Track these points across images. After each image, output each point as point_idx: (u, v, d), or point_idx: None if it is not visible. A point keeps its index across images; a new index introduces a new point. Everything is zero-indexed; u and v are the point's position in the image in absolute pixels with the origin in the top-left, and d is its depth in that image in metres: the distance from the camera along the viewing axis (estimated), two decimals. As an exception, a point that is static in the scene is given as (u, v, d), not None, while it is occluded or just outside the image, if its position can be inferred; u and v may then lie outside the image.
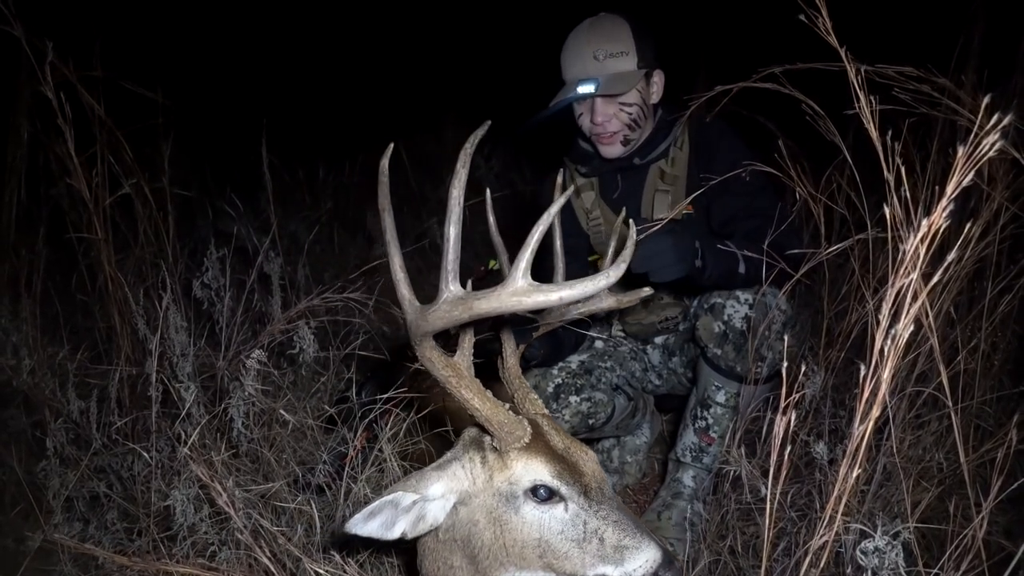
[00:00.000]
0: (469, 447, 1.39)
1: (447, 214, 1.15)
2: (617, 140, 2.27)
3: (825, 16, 1.34)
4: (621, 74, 2.17)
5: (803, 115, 1.91)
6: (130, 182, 2.60)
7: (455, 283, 1.18)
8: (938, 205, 0.97)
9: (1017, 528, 1.90)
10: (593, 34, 2.20)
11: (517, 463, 1.32)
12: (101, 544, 2.10)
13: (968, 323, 2.06)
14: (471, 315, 1.16)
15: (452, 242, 1.16)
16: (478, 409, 1.29)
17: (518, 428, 1.32)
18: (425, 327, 1.22)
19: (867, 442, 1.34)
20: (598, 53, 2.16)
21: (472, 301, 1.15)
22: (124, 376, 2.38)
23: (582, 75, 2.18)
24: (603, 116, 2.22)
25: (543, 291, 1.10)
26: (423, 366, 1.30)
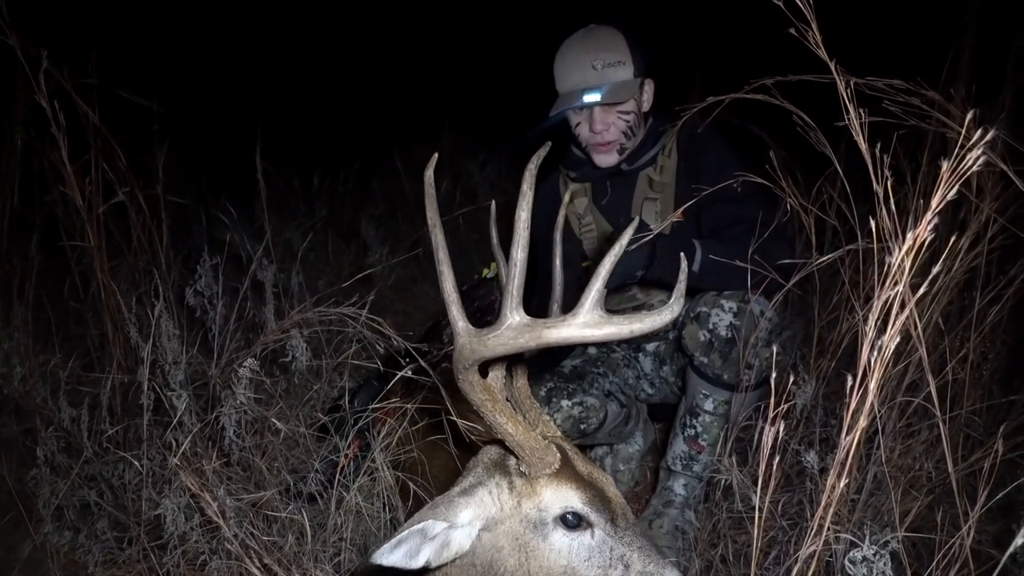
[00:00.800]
0: (493, 471, 1.35)
1: (514, 237, 1.11)
2: (614, 148, 2.31)
3: (815, 29, 1.36)
4: (622, 82, 2.21)
5: (795, 126, 1.93)
6: (124, 189, 2.60)
7: (519, 310, 1.13)
8: (923, 218, 0.98)
9: (1005, 537, 1.91)
10: (590, 44, 2.23)
11: (547, 490, 1.30)
12: (91, 553, 2.09)
13: (958, 333, 2.07)
14: (539, 344, 1.12)
15: (519, 267, 1.11)
16: (511, 434, 1.26)
17: (548, 454, 1.29)
18: (481, 353, 1.17)
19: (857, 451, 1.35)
20: (596, 63, 2.19)
21: (541, 330, 1.11)
22: (116, 384, 2.37)
23: (583, 84, 2.21)
24: (602, 124, 2.26)
25: (615, 323, 1.07)
26: (461, 388, 1.25)
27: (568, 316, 1.08)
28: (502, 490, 1.32)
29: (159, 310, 2.05)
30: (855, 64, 1.53)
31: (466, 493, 1.31)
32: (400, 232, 4.59)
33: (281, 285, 2.82)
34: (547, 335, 1.10)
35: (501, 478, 1.33)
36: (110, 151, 2.65)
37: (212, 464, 1.95)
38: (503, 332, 1.13)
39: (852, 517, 1.80)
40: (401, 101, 6.25)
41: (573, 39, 2.27)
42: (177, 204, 3.12)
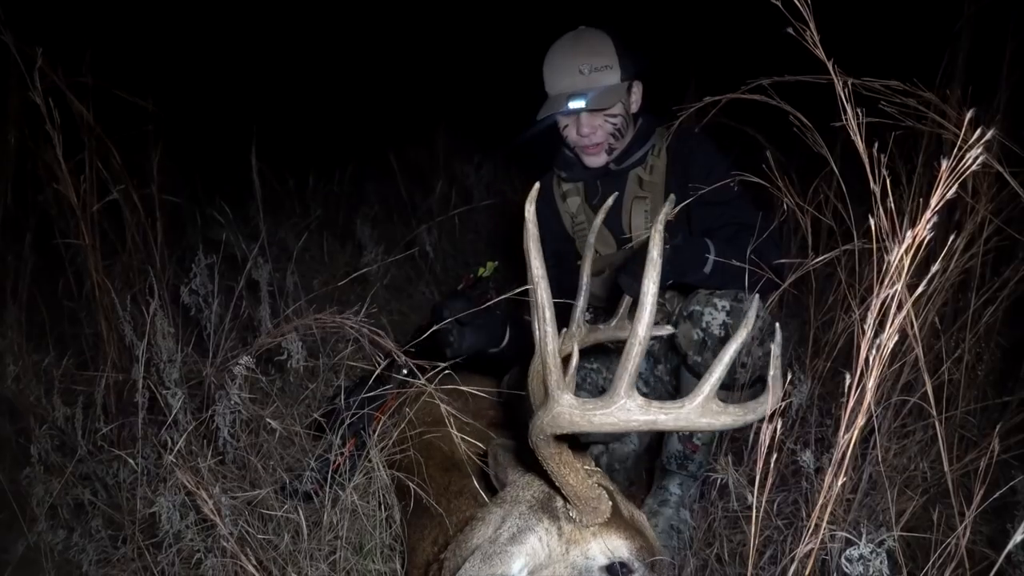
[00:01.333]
0: (541, 514, 1.32)
1: (639, 312, 1.01)
2: (602, 150, 2.32)
3: (813, 29, 1.36)
4: (607, 88, 2.21)
5: (791, 127, 1.94)
6: (118, 188, 2.59)
7: (634, 392, 1.06)
8: (922, 217, 0.98)
9: (1000, 537, 1.92)
10: (578, 48, 2.24)
11: (596, 539, 1.28)
12: (85, 552, 2.08)
13: (953, 334, 2.08)
14: (650, 429, 1.08)
15: (639, 347, 1.02)
16: (571, 486, 1.24)
17: (602, 503, 1.28)
18: (581, 427, 1.10)
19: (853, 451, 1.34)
20: (583, 67, 2.20)
21: (657, 414, 1.04)
22: (110, 382, 2.36)
23: (570, 89, 2.21)
24: (589, 128, 2.26)
25: (731, 414, 1.03)
26: (534, 440, 1.20)
27: (685, 402, 1.03)
28: (551, 536, 1.29)
29: (154, 308, 2.04)
30: (852, 64, 1.53)
31: (516, 541, 1.27)
32: (395, 233, 4.58)
33: (276, 284, 2.81)
34: (662, 421, 1.04)
35: (550, 523, 1.30)
36: (105, 150, 2.64)
37: (207, 462, 1.94)
38: (613, 412, 1.06)
39: (848, 516, 1.80)
40: (396, 102, 6.25)
41: (562, 42, 2.28)
42: (172, 204, 3.12)
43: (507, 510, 1.36)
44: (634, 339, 1.01)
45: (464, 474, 1.95)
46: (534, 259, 1.08)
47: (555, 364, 1.10)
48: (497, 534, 1.29)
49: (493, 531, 1.34)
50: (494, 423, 2.28)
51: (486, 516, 1.39)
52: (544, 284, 1.08)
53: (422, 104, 5.92)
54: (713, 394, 1.03)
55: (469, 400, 2.34)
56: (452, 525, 1.75)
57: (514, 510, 1.34)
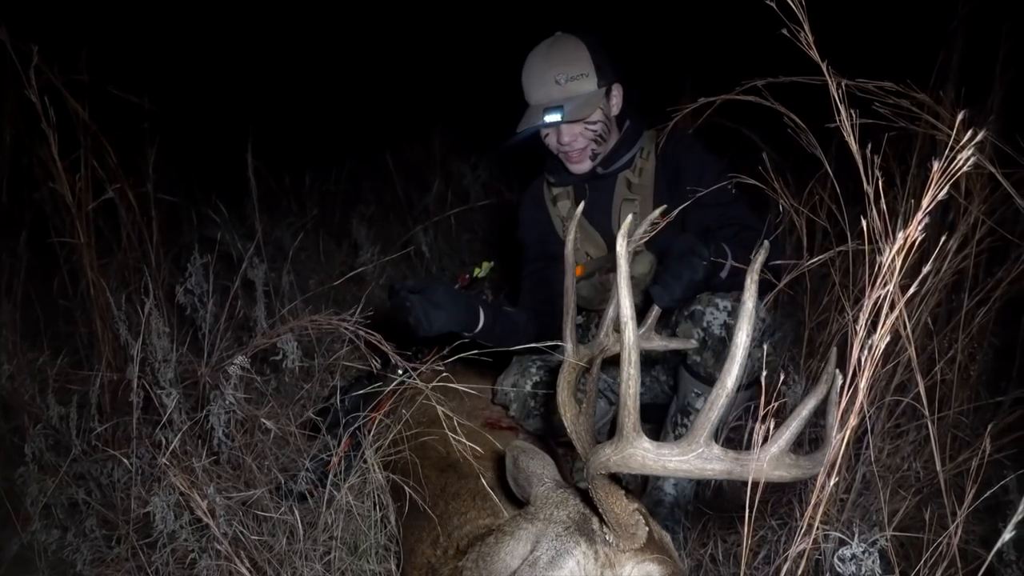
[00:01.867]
0: (579, 537, 1.31)
1: (729, 364, 1.00)
2: (585, 157, 2.32)
3: (807, 30, 1.36)
4: (584, 97, 2.21)
5: (786, 128, 1.94)
6: (114, 187, 2.59)
7: (713, 440, 1.05)
8: (914, 218, 0.98)
9: (992, 536, 1.92)
10: (553, 57, 2.23)
11: (631, 563, 1.27)
12: (79, 551, 2.08)
13: (946, 334, 2.09)
14: (726, 478, 1.08)
15: (726, 399, 1.01)
16: (615, 513, 1.23)
17: (639, 529, 1.27)
18: (652, 469, 1.09)
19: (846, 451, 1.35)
20: (559, 77, 2.20)
21: (731, 464, 1.04)
22: (105, 382, 2.36)
23: (546, 100, 2.22)
24: (569, 136, 2.27)
25: (801, 467, 1.05)
26: (593, 469, 1.18)
27: (761, 454, 1.03)
28: (589, 560, 1.28)
29: (149, 307, 2.04)
30: (846, 66, 1.54)
31: (556, 565, 1.27)
32: (391, 232, 4.58)
33: (272, 284, 2.82)
34: (737, 472, 1.04)
35: (588, 547, 1.29)
36: (100, 148, 2.64)
37: (202, 462, 1.94)
38: (691, 459, 1.05)
39: (841, 516, 1.81)
40: (393, 101, 6.25)
41: (537, 51, 2.27)
42: (167, 202, 3.11)
43: (541, 529, 1.35)
44: (721, 390, 1.00)
45: (461, 475, 1.95)
46: (624, 297, 1.05)
47: (634, 405, 1.08)
48: (535, 557, 1.29)
49: (524, 548, 1.34)
50: (489, 423, 2.29)
51: (515, 531, 1.38)
52: (633, 325, 1.05)
53: (419, 103, 5.92)
54: (788, 447, 1.03)
55: (464, 400, 2.35)
56: (452, 527, 1.75)
57: (549, 530, 1.34)
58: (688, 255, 1.91)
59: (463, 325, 2.05)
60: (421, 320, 1.94)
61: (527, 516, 1.40)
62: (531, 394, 2.34)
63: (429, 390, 1.88)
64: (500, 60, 2.31)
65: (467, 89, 5.94)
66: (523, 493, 1.54)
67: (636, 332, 1.04)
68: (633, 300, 1.06)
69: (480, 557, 1.41)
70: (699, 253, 1.91)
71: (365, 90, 6.43)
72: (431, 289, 1.99)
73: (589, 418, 1.45)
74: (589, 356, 1.60)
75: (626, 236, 1.04)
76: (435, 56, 6.40)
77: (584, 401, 1.46)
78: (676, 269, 1.91)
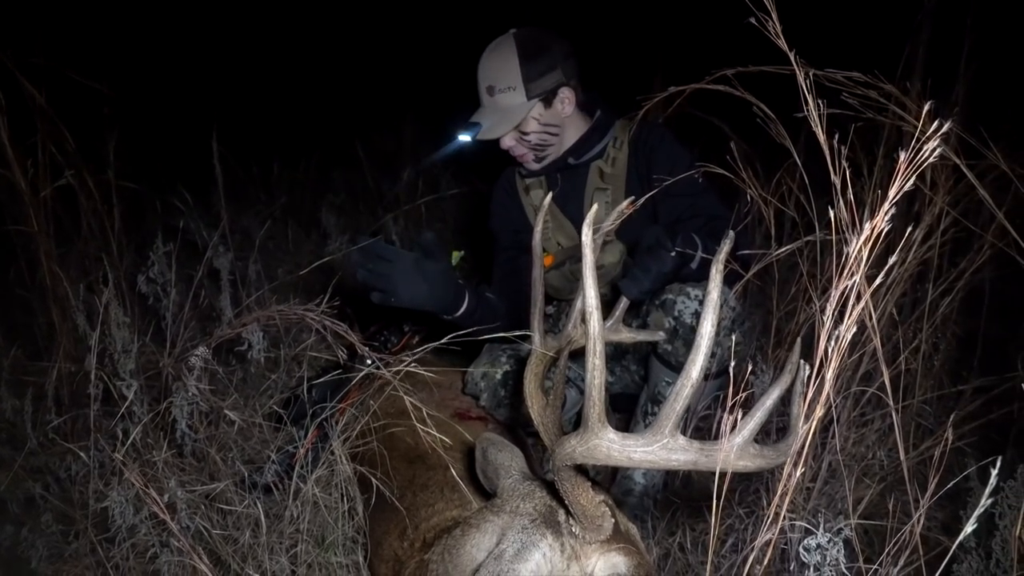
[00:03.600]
0: (544, 529, 1.30)
1: (694, 354, 0.97)
2: (529, 159, 2.35)
3: (775, 20, 1.36)
4: (506, 111, 2.23)
5: (756, 117, 1.94)
6: (70, 173, 2.51)
7: (678, 431, 1.04)
8: (881, 208, 0.98)
9: (953, 523, 1.96)
10: (487, 67, 2.25)
11: (596, 555, 1.26)
12: (35, 547, 2.03)
13: (910, 324, 2.11)
14: (693, 468, 1.05)
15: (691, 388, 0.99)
16: (582, 505, 1.21)
17: (606, 521, 1.25)
18: (618, 461, 1.08)
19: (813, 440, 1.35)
20: (491, 88, 2.23)
21: (696, 455, 1.03)
22: (63, 373, 2.30)
23: (475, 116, 2.27)
24: (505, 145, 2.30)
25: (765, 457, 1.04)
26: (558, 460, 1.16)
27: (725, 444, 1.02)
28: (555, 552, 1.27)
29: (107, 297, 1.99)
30: (815, 56, 1.53)
31: (522, 558, 1.25)
32: (361, 221, 4.54)
33: (238, 273, 2.76)
34: (702, 462, 1.03)
35: (554, 539, 1.28)
36: (58, 134, 2.56)
37: (163, 455, 1.90)
38: (655, 450, 1.04)
39: (807, 505, 1.83)
40: (364, 89, 6.18)
41: (483, 54, 2.28)
42: (130, 190, 3.04)
43: (507, 521, 1.33)
44: (686, 380, 0.99)
45: (429, 466, 1.93)
46: (589, 288, 1.02)
47: (600, 396, 1.06)
48: (501, 550, 1.27)
49: (489, 541, 1.32)
50: (459, 413, 2.27)
51: (481, 524, 1.36)
52: (598, 315, 1.03)
53: (390, 91, 5.86)
54: (752, 437, 1.03)
55: (434, 391, 2.33)
56: (420, 519, 1.73)
57: (515, 522, 1.32)
58: (656, 247, 1.92)
59: (443, 306, 2.00)
60: (393, 288, 1.85)
61: (493, 508, 1.39)
62: (501, 383, 2.33)
63: (397, 381, 1.86)
64: (472, 50, 2.28)
65: (439, 78, 5.90)
66: (491, 485, 1.53)
67: (601, 322, 1.02)
68: (600, 290, 1.05)
69: (446, 550, 1.39)
70: (665, 245, 1.92)
71: (335, 77, 6.34)
72: (419, 260, 1.90)
73: (556, 410, 1.44)
74: (557, 347, 1.58)
75: (591, 225, 1.02)
76: (406, 44, 6.34)
77: (551, 393, 1.45)
78: (644, 262, 1.92)
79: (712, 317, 0.95)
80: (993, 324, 2.37)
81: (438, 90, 5.58)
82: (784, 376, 1.02)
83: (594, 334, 1.03)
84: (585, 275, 1.03)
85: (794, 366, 1.05)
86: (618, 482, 2.37)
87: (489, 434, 1.64)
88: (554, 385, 1.45)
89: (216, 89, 5.29)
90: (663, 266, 1.91)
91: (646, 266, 1.91)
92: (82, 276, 2.70)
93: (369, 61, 6.57)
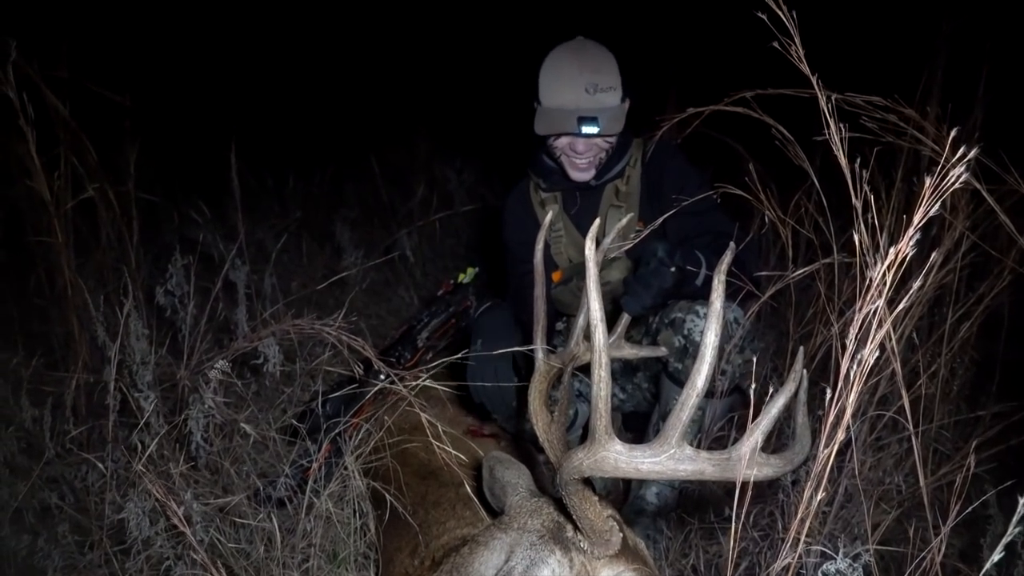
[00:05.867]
0: (553, 545, 1.29)
1: (699, 363, 0.98)
2: (592, 167, 2.29)
3: (798, 44, 1.37)
4: (612, 111, 2.16)
5: (773, 139, 1.95)
6: (93, 186, 2.54)
7: (685, 441, 1.05)
8: (905, 234, 0.99)
9: (971, 550, 1.94)
10: (585, 64, 2.16)
11: (606, 570, 1.26)
12: (51, 558, 2.03)
13: (928, 348, 2.10)
14: (697, 479, 1.08)
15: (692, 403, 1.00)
16: (589, 519, 1.22)
17: (613, 536, 1.25)
18: (625, 473, 1.08)
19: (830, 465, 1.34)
20: (590, 87, 2.13)
21: (703, 464, 1.04)
22: (81, 384, 2.32)
23: (574, 106, 2.14)
24: (585, 147, 2.22)
25: (772, 465, 1.05)
26: (565, 475, 1.16)
27: (732, 452, 1.03)
28: (563, 568, 1.27)
29: (128, 309, 2.00)
30: (833, 79, 1.54)
31: (529, 575, 1.25)
32: (375, 236, 4.55)
33: (254, 286, 2.78)
34: (709, 472, 1.03)
35: (563, 555, 1.28)
36: (80, 146, 2.59)
37: (179, 467, 1.90)
38: (663, 460, 1.04)
39: (823, 529, 1.81)
40: (378, 104, 6.22)
41: (565, 52, 2.20)
42: (148, 202, 3.07)
43: (515, 538, 1.33)
44: (691, 390, 0.99)
45: (441, 483, 1.93)
46: (593, 301, 1.04)
47: (606, 408, 1.07)
48: (509, 567, 1.27)
49: (498, 559, 1.32)
50: (472, 430, 2.27)
51: (489, 541, 1.35)
52: (602, 328, 1.04)
53: (404, 106, 5.90)
54: (759, 445, 1.03)
55: (447, 406, 2.33)
56: (431, 537, 1.72)
57: (523, 539, 1.32)
58: (656, 263, 1.93)
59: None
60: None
61: (501, 526, 1.39)
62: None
63: (412, 396, 1.86)
64: (486, 65, 2.30)
65: (452, 93, 5.94)
66: (499, 503, 1.53)
67: (606, 335, 1.03)
68: (604, 304, 1.05)
69: (454, 568, 1.39)
70: (665, 261, 1.93)
71: (349, 92, 6.39)
72: None
73: (561, 426, 1.44)
74: (561, 364, 1.59)
75: (594, 239, 1.04)
76: (421, 59, 6.39)
77: (556, 409, 1.46)
78: (645, 278, 1.94)
79: (715, 327, 0.96)
80: (1012, 349, 2.35)
81: (452, 105, 5.62)
82: (788, 385, 1.02)
83: (599, 347, 1.03)
84: (589, 289, 1.04)
85: (797, 375, 1.06)
86: (631, 502, 2.36)
87: (496, 452, 1.64)
88: (559, 401, 1.45)
89: (233, 102, 5.34)
90: (664, 282, 1.93)
91: (647, 282, 1.93)
92: (100, 287, 2.72)
93: (383, 76, 6.61)
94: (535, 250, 1.59)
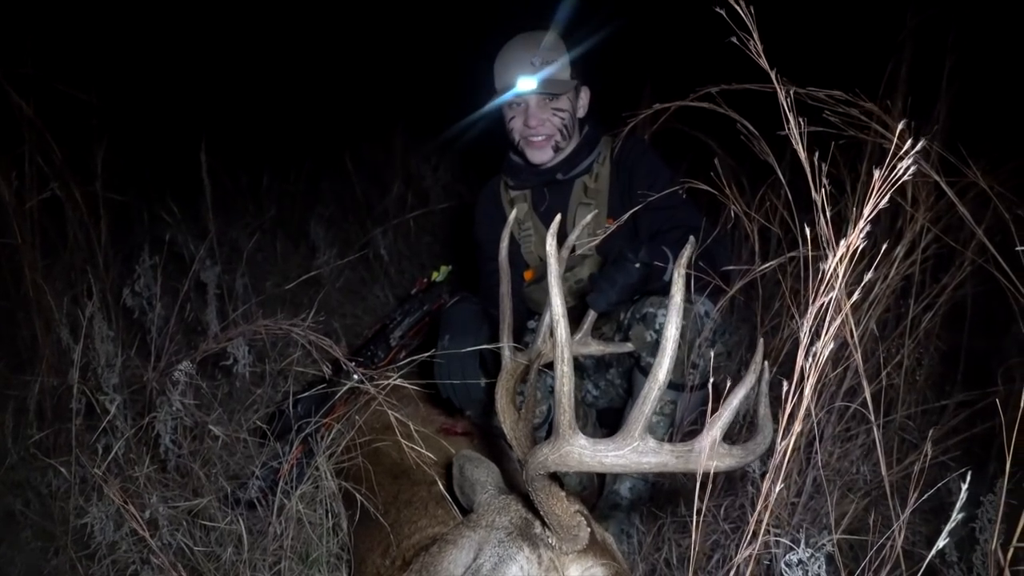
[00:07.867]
0: (521, 542, 1.29)
1: (660, 356, 1.00)
2: (548, 145, 2.34)
3: (756, 39, 1.37)
4: (557, 79, 2.25)
5: (741, 134, 1.96)
6: (54, 184, 2.50)
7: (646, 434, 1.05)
8: (856, 226, 0.99)
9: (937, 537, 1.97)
10: (530, 43, 2.27)
11: (574, 565, 1.26)
12: (15, 564, 2.00)
13: (893, 340, 2.12)
14: (662, 470, 1.06)
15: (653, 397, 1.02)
16: (556, 515, 1.21)
17: (581, 531, 1.25)
18: (589, 466, 1.08)
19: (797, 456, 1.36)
20: (535, 59, 2.24)
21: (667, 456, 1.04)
22: (45, 387, 2.28)
23: (520, 76, 2.25)
24: (536, 119, 2.29)
25: (734, 456, 1.05)
26: (531, 470, 1.16)
27: (695, 444, 1.03)
28: (532, 564, 1.26)
29: (90, 310, 1.98)
30: (797, 74, 1.55)
31: (498, 572, 1.25)
32: (350, 234, 4.53)
33: (225, 286, 2.75)
34: (672, 464, 1.04)
35: (531, 551, 1.27)
36: (45, 145, 2.55)
37: (145, 470, 1.88)
38: (626, 453, 1.04)
39: (791, 520, 1.83)
40: (353, 101, 6.18)
41: (514, 40, 2.30)
42: (118, 202, 3.02)
43: (483, 536, 1.33)
44: (653, 383, 1.00)
45: (414, 482, 1.92)
46: (555, 297, 1.04)
47: (569, 404, 1.07)
48: (478, 565, 1.27)
49: (466, 557, 1.32)
50: (444, 429, 2.26)
51: (457, 539, 1.35)
52: (564, 323, 1.04)
53: (380, 103, 5.86)
54: (721, 437, 1.04)
55: (419, 405, 2.32)
56: (403, 536, 1.72)
57: (491, 537, 1.32)
58: (621, 260, 1.95)
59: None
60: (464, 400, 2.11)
61: (469, 524, 1.39)
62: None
63: (382, 396, 1.85)
64: (462, 62, 2.30)
65: (429, 89, 5.91)
66: (468, 502, 1.53)
67: (568, 330, 1.03)
68: (565, 299, 1.06)
69: (423, 568, 1.38)
70: (629, 258, 1.95)
71: (325, 89, 6.35)
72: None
73: (528, 423, 1.44)
74: (528, 361, 1.59)
75: (555, 235, 1.04)
76: (397, 55, 6.36)
77: (523, 407, 1.46)
78: (610, 274, 1.95)
79: (676, 320, 0.97)
80: (975, 338, 2.39)
81: (428, 102, 5.59)
82: (749, 376, 1.03)
83: (561, 342, 1.03)
84: (551, 284, 1.04)
85: (758, 366, 1.06)
86: (605, 496, 2.37)
87: (466, 451, 1.64)
88: (526, 399, 1.45)
89: (205, 100, 5.29)
90: (629, 278, 1.94)
91: (612, 279, 1.94)
92: (67, 288, 2.68)
93: (359, 72, 6.57)
94: (500, 247, 1.60)
